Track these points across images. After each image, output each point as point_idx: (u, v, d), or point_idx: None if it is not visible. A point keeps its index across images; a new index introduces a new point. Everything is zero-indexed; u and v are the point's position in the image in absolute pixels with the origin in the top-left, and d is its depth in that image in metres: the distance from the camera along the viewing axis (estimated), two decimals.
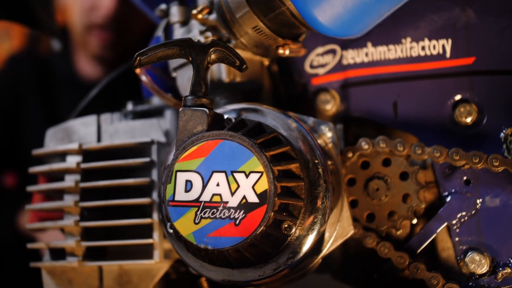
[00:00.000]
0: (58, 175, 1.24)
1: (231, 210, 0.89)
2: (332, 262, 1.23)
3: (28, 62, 2.58)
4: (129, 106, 1.29)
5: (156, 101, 1.29)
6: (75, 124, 1.27)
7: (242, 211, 0.89)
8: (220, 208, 0.90)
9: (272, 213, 0.89)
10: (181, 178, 0.92)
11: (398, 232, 1.16)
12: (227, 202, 0.90)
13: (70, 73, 2.53)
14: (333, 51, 1.22)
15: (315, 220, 0.97)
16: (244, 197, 0.89)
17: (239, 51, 1.10)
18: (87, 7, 2.36)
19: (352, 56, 1.20)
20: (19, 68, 2.56)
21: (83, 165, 1.17)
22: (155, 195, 1.13)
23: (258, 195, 0.89)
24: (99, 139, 1.25)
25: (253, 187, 0.89)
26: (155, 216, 1.13)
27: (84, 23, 2.39)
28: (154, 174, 1.15)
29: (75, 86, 2.49)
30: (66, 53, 2.53)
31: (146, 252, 1.14)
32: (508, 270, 1.07)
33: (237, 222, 0.89)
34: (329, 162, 1.07)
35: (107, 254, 1.19)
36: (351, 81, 1.20)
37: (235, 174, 0.90)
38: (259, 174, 0.89)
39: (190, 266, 1.04)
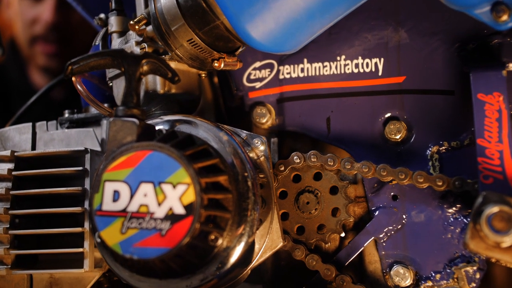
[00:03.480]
0: None
1: (158, 220, 0.90)
2: (264, 274, 1.24)
3: None
4: (66, 114, 1.28)
5: (93, 110, 1.29)
6: (10, 131, 1.26)
7: (169, 222, 0.90)
8: (147, 218, 0.90)
9: (198, 224, 0.90)
10: (109, 188, 0.92)
11: (327, 245, 1.18)
12: (154, 213, 0.90)
13: (24, 82, 2.52)
14: (270, 66, 1.24)
15: (243, 232, 0.98)
16: (170, 208, 0.90)
17: (174, 63, 1.12)
18: (29, 21, 2.38)
19: (288, 71, 1.22)
20: None
21: (15, 173, 1.16)
22: (87, 204, 1.13)
23: (185, 207, 0.89)
24: (33, 146, 1.24)
25: (180, 198, 0.90)
26: (87, 225, 1.12)
27: (28, 36, 2.42)
28: (87, 183, 1.14)
29: (30, 95, 2.47)
30: (20, 63, 2.52)
31: (77, 261, 1.13)
32: (430, 283, 1.11)
33: (163, 232, 0.90)
34: (261, 175, 1.09)
35: (38, 263, 1.18)
36: (287, 96, 1.22)
37: (163, 185, 0.91)
38: (186, 186, 0.90)
39: (119, 276, 1.04)
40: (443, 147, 1.13)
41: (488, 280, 2.97)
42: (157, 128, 1.02)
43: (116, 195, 0.92)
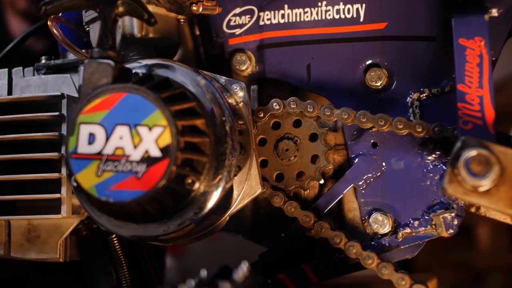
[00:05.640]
0: None
1: (134, 163, 0.89)
2: (243, 222, 1.24)
3: None
4: (42, 60, 1.26)
5: (71, 56, 1.26)
6: None
7: (145, 165, 0.89)
8: (123, 161, 0.89)
9: (174, 167, 0.89)
10: (84, 130, 0.91)
11: (306, 192, 1.18)
12: (129, 156, 0.89)
13: (2, 29, 2.46)
14: (250, 12, 1.22)
15: (221, 176, 0.97)
16: (146, 150, 0.89)
17: (152, 7, 1.10)
18: None
19: (268, 17, 1.20)
20: None
21: None
22: (64, 150, 1.12)
23: (161, 149, 0.89)
24: (10, 92, 1.22)
25: (156, 141, 0.89)
26: (64, 171, 1.11)
27: None
28: (64, 129, 1.13)
29: (7, 42, 2.42)
30: None
31: (54, 207, 1.13)
32: (408, 230, 1.11)
33: (139, 175, 0.89)
34: (240, 122, 1.08)
35: (17, 209, 1.18)
36: (267, 42, 1.21)
37: (139, 128, 0.89)
38: (162, 128, 0.89)
39: (97, 222, 1.03)
40: (424, 94, 1.12)
41: (472, 242, 3.01)
42: (133, 71, 1.01)
43: (91, 138, 0.91)
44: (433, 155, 1.10)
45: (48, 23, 1.16)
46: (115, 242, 1.26)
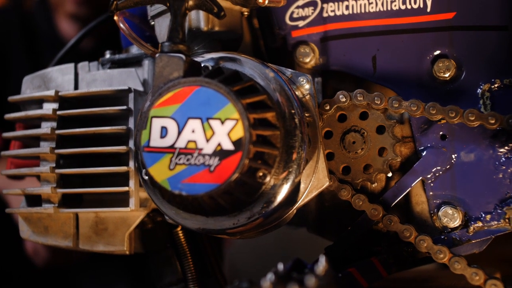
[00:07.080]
0: (35, 123, 1.23)
1: (206, 156, 0.89)
2: (308, 215, 1.24)
3: (13, 17, 2.50)
4: (107, 55, 1.27)
5: (134, 50, 1.27)
6: (52, 72, 1.25)
7: (217, 158, 0.89)
8: (195, 154, 0.90)
9: (247, 160, 0.89)
10: (157, 124, 0.92)
11: (373, 185, 1.16)
12: (202, 149, 0.90)
13: (52, 30, 2.48)
14: (313, 3, 1.20)
15: (290, 170, 0.97)
16: (219, 144, 0.89)
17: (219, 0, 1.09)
18: None
19: (332, 8, 1.19)
20: (4, 23, 2.49)
21: (60, 112, 1.16)
22: (131, 144, 1.13)
23: (233, 142, 0.89)
24: (76, 87, 1.24)
25: (228, 134, 0.89)
26: (131, 164, 1.13)
27: None
28: (131, 123, 1.14)
29: (58, 44, 2.43)
30: (48, 10, 2.47)
31: (122, 200, 1.14)
32: (480, 224, 1.09)
33: (211, 168, 0.89)
34: (306, 114, 1.07)
35: (84, 202, 1.20)
36: (331, 34, 1.19)
37: (211, 121, 0.90)
38: (234, 122, 0.89)
39: (165, 214, 1.04)
40: (495, 85, 1.09)
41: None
42: (202, 65, 1.01)
43: (163, 131, 0.91)
44: (506, 148, 1.08)
45: (115, 18, 1.16)
46: (180, 234, 1.27)
